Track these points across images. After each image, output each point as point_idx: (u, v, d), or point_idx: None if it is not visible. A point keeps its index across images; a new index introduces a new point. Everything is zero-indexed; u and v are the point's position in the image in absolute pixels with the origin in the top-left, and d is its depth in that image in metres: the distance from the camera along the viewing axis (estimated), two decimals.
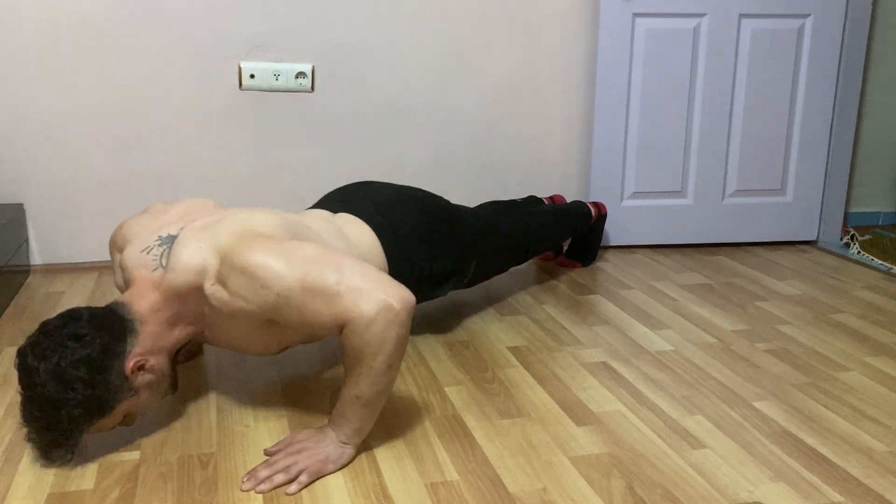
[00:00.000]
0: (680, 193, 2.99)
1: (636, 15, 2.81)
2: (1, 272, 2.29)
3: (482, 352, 2.07)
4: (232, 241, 1.52)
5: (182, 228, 1.62)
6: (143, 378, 1.51)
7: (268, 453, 1.56)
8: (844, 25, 2.93)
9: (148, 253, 1.60)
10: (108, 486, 1.45)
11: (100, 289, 2.50)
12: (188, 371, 1.93)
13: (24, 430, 1.54)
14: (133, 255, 1.62)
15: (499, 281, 2.62)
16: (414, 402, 1.79)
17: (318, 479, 1.48)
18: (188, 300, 1.55)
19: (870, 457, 1.58)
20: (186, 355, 1.98)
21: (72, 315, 1.48)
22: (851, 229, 3.22)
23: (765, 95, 2.93)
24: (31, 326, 2.19)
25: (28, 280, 2.58)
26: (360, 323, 1.42)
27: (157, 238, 1.62)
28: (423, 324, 2.25)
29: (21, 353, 1.45)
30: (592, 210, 2.73)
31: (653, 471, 1.52)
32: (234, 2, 2.62)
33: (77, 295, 2.43)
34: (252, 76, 2.68)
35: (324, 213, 1.90)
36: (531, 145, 2.98)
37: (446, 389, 1.85)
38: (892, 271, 2.78)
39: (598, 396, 1.82)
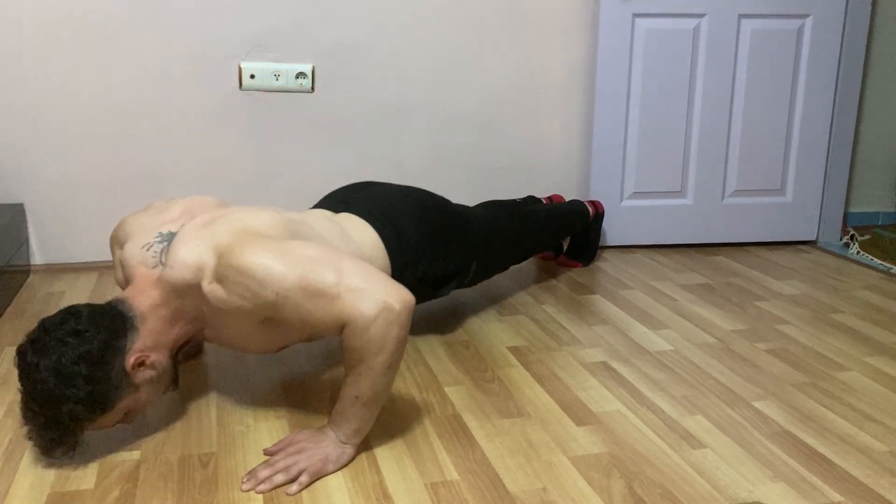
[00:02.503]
0: (680, 193, 2.99)
1: (636, 15, 2.81)
2: (1, 272, 2.29)
3: (482, 352, 2.07)
4: (230, 240, 1.52)
5: (182, 226, 1.62)
6: (144, 374, 1.51)
7: (268, 453, 1.56)
8: (844, 25, 2.93)
9: (148, 249, 1.60)
10: (108, 486, 1.45)
11: (100, 289, 2.50)
12: (188, 371, 1.93)
13: (25, 429, 1.53)
14: (133, 252, 1.62)
15: (499, 281, 2.62)
16: (414, 402, 1.79)
17: (318, 479, 1.48)
18: (187, 298, 1.55)
19: (870, 457, 1.58)
20: (186, 355, 1.99)
21: (71, 311, 1.48)
22: (851, 229, 3.22)
23: (765, 95, 2.93)
24: (32, 326, 2.19)
25: (28, 280, 2.58)
26: (359, 324, 1.43)
27: (157, 235, 1.62)
28: (423, 324, 2.25)
29: (21, 351, 1.44)
30: (590, 208, 2.73)
31: (653, 471, 1.52)
32: (234, 2, 2.62)
33: (77, 295, 2.44)
34: (252, 76, 2.68)
35: (326, 213, 1.90)
36: (531, 145, 2.98)
37: (446, 389, 1.85)
38: (891, 271, 2.78)
39: (598, 396, 1.82)
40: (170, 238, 1.60)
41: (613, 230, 2.98)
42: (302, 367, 1.97)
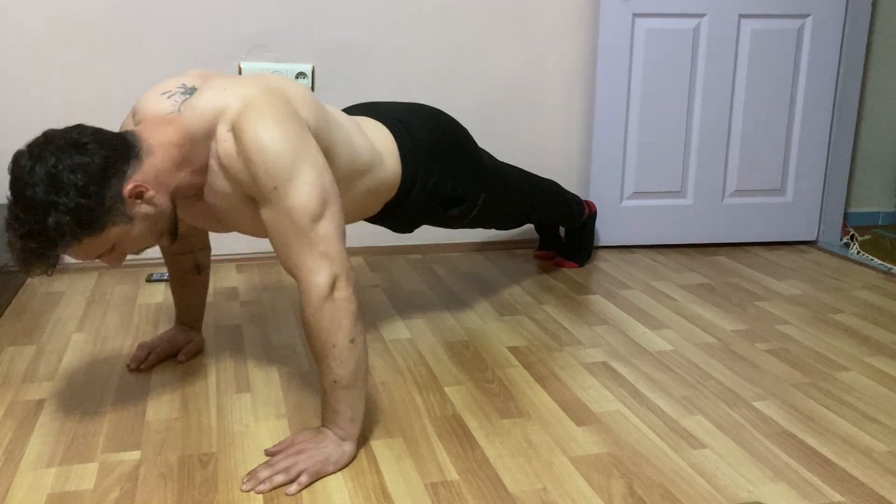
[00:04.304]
0: (680, 193, 2.99)
1: (636, 15, 2.81)
2: (1, 272, 2.29)
3: (482, 352, 2.07)
4: (260, 94, 1.48)
5: (206, 81, 1.57)
6: (141, 208, 1.45)
7: (268, 454, 1.55)
8: (844, 25, 2.93)
9: (168, 97, 1.55)
10: (108, 486, 1.45)
11: (100, 289, 2.50)
12: (188, 371, 1.93)
13: (6, 238, 1.41)
14: (151, 97, 1.57)
15: (499, 281, 2.62)
16: (414, 402, 1.79)
17: (318, 479, 1.48)
18: (199, 146, 1.50)
19: (870, 457, 1.58)
20: (186, 355, 1.99)
21: (77, 126, 1.43)
22: (851, 229, 3.22)
23: (765, 95, 2.93)
24: (32, 326, 2.19)
25: (28, 280, 2.58)
26: (312, 296, 1.44)
27: (180, 85, 1.57)
28: (423, 324, 2.25)
29: (17, 154, 1.38)
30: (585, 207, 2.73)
31: (653, 471, 1.52)
32: (234, 2, 2.62)
33: (77, 295, 2.44)
34: None
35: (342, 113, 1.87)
36: (531, 145, 2.98)
37: (446, 389, 1.85)
38: (891, 271, 2.78)
39: (598, 396, 1.82)
40: (191, 91, 1.55)
41: (613, 230, 2.98)
42: (302, 366, 1.97)
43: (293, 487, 1.44)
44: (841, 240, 3.12)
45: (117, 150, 1.42)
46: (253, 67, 2.67)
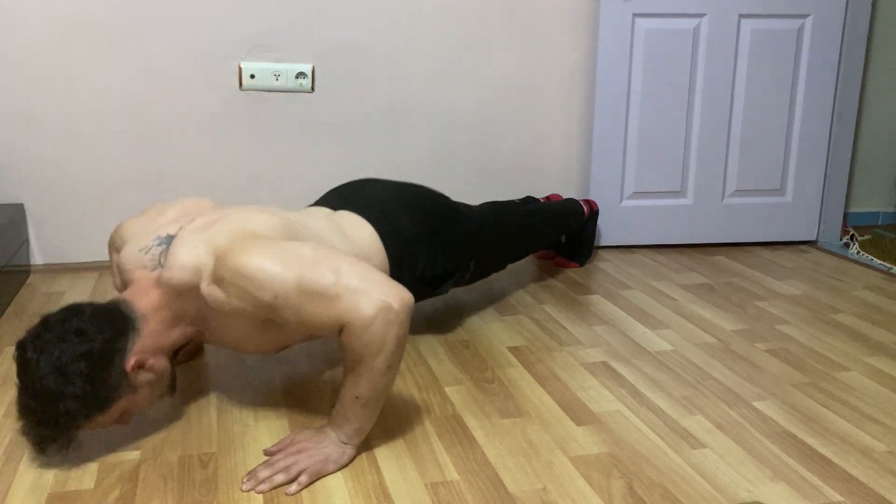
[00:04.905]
0: (680, 193, 2.99)
1: (636, 15, 2.81)
2: (1, 272, 2.29)
3: (482, 352, 2.07)
4: (228, 242, 1.53)
5: (180, 228, 1.62)
6: (143, 377, 1.51)
7: (268, 453, 1.56)
8: (844, 25, 2.93)
9: (146, 253, 1.60)
10: (108, 486, 1.45)
11: (100, 288, 2.50)
12: (188, 371, 1.93)
13: (20, 424, 1.52)
14: (131, 256, 1.63)
15: (499, 281, 2.62)
16: (414, 402, 1.79)
17: (318, 479, 1.48)
18: (187, 299, 1.55)
19: (870, 457, 1.58)
20: (186, 355, 1.99)
21: (74, 309, 1.47)
22: (851, 229, 3.22)
23: (765, 96, 2.93)
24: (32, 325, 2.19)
25: (28, 280, 2.58)
26: (358, 325, 1.43)
27: (155, 238, 1.62)
28: (423, 324, 2.25)
29: (20, 346, 1.44)
30: (584, 207, 2.73)
31: (653, 471, 1.52)
32: (234, 2, 2.62)
33: (77, 295, 2.44)
34: (252, 76, 2.68)
35: (324, 211, 1.90)
36: (531, 145, 2.98)
37: (446, 389, 1.85)
38: (891, 271, 2.78)
39: (598, 396, 1.82)
40: (168, 241, 1.60)
41: (613, 230, 2.98)
42: (302, 367, 1.97)
43: (293, 487, 1.44)
44: (841, 240, 3.12)
45: (115, 328, 1.48)
46: (253, 67, 2.67)
